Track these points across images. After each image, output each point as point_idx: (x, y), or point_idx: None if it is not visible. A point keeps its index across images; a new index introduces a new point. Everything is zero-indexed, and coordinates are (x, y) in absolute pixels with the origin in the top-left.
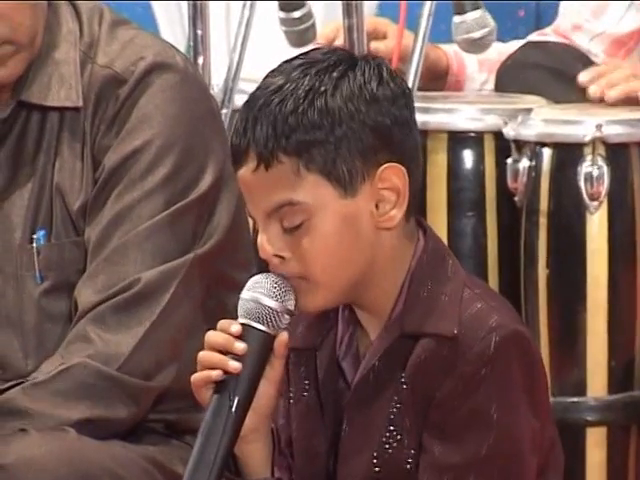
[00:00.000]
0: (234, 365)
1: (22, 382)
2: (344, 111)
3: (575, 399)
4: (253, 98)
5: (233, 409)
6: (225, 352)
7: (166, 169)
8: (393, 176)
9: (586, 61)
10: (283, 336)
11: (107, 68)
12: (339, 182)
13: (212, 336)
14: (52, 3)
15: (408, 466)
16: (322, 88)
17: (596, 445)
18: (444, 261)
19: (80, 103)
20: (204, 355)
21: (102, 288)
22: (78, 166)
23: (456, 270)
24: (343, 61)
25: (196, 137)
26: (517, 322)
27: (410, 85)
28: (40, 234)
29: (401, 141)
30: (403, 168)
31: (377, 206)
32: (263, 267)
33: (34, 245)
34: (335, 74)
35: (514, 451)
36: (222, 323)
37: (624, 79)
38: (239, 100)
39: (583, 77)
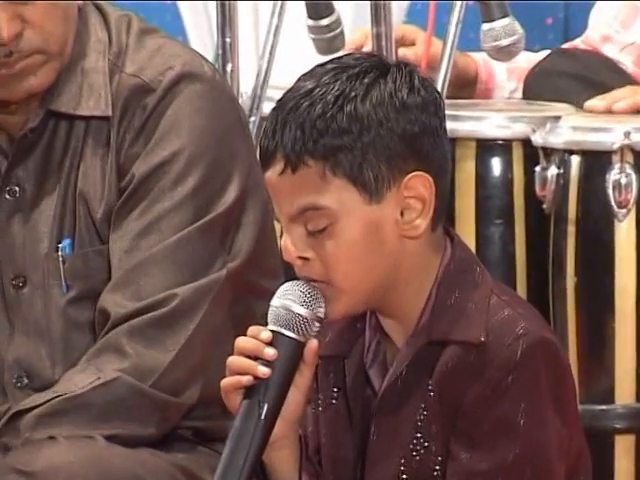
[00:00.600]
0: (263, 370)
1: (59, 396)
2: (373, 117)
3: (603, 407)
4: (283, 101)
5: (262, 416)
6: (255, 358)
7: (195, 180)
8: (419, 185)
9: (615, 68)
10: (313, 344)
11: (135, 77)
12: (365, 188)
13: (242, 342)
14: (82, 11)
15: (435, 473)
16: (352, 94)
17: (624, 453)
18: (471, 269)
19: (109, 112)
20: (233, 360)
21: (133, 298)
22: (102, 173)
23: (484, 278)
24: (375, 67)
25: (224, 147)
26: (545, 329)
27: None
28: (65, 243)
29: (429, 150)
30: (430, 177)
31: (402, 214)
32: (291, 274)
33: (60, 254)
34: (366, 80)
35: (542, 458)
36: (252, 329)
37: (629, 94)
38: (267, 108)
39: (590, 103)
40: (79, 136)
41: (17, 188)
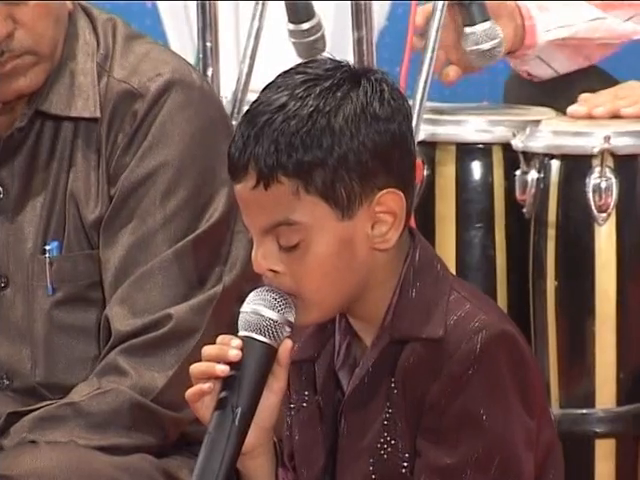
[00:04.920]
0: (221, 368)
1: (57, 402)
2: (345, 132)
3: (584, 411)
4: (255, 113)
5: (236, 421)
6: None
7: (186, 191)
8: (390, 201)
9: (593, 71)
10: (287, 344)
11: (124, 82)
12: (337, 205)
13: (207, 349)
14: (71, 14)
15: (404, 470)
16: (326, 109)
17: (604, 457)
18: (432, 266)
19: (97, 114)
20: (194, 367)
21: (133, 314)
22: (93, 177)
23: (444, 274)
24: (347, 79)
25: (212, 156)
26: (504, 322)
27: (419, 96)
28: (53, 245)
29: (399, 161)
30: (401, 193)
31: (372, 227)
32: None
33: (47, 256)
34: (339, 94)
35: (508, 450)
36: (222, 337)
37: (609, 99)
38: None
39: (571, 109)
40: (67, 138)
41: (1, 189)
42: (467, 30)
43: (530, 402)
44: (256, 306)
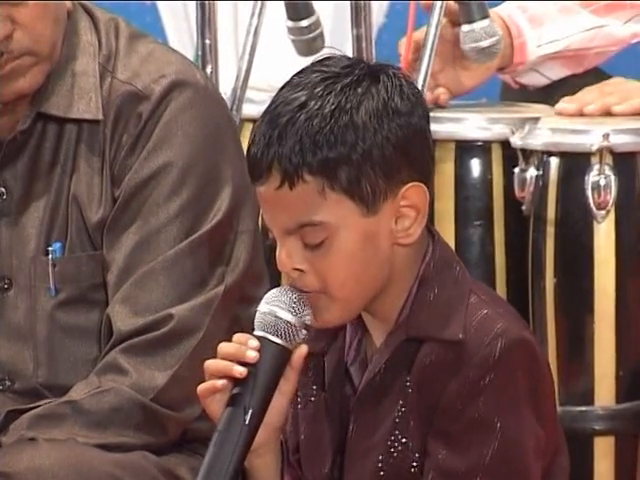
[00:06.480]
0: (239, 370)
1: (52, 401)
2: (368, 127)
3: (583, 408)
4: (276, 114)
5: (247, 421)
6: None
7: (189, 191)
8: (414, 195)
9: (590, 71)
10: (302, 349)
11: (128, 84)
12: (362, 201)
13: (224, 347)
14: (71, 14)
15: (413, 470)
16: (347, 105)
17: (604, 454)
18: (451, 267)
19: (100, 116)
20: (211, 363)
21: (134, 314)
22: (96, 180)
23: (463, 276)
24: (365, 75)
25: (216, 156)
26: (523, 329)
27: None
28: (56, 246)
29: (419, 154)
30: (424, 186)
31: (396, 222)
32: (276, 278)
33: (50, 257)
34: (360, 90)
35: (518, 458)
36: (238, 336)
37: (598, 97)
38: (247, 109)
39: (560, 107)
40: (71, 140)
41: (4, 190)
42: (465, 28)
43: (541, 410)
44: (274, 307)
